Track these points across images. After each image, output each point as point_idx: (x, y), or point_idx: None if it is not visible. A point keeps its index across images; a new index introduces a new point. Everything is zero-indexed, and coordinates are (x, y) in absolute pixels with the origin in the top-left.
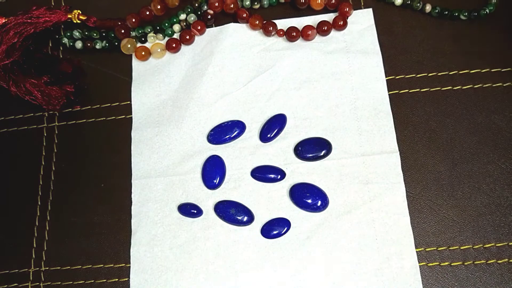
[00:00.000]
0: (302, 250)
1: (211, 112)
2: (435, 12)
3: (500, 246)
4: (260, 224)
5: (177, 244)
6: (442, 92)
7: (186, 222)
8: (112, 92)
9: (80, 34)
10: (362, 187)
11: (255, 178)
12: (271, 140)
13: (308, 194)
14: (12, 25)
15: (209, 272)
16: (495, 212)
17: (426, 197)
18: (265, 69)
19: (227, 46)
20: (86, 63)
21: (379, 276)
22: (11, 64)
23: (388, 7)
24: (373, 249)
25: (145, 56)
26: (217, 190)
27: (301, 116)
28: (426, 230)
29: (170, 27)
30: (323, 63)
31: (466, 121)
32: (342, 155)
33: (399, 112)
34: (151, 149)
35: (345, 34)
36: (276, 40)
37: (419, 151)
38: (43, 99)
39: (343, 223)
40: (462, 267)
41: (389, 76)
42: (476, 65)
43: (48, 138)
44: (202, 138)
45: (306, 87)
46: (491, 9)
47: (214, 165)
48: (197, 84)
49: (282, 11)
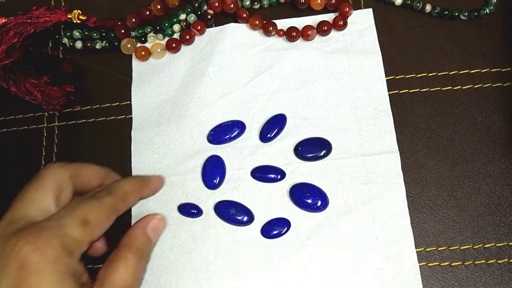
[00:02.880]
0: (302, 250)
1: (211, 112)
2: (435, 12)
3: (500, 246)
4: (260, 224)
5: (177, 244)
6: (442, 92)
7: (186, 222)
8: (112, 92)
9: (80, 34)
10: (362, 187)
11: (255, 178)
12: (271, 140)
13: (308, 194)
14: (12, 25)
15: (209, 272)
16: (495, 212)
17: (426, 197)
18: (265, 69)
19: (227, 46)
20: (86, 63)
21: (379, 276)
22: (11, 64)
23: (388, 7)
24: (373, 249)
25: (145, 56)
26: (217, 190)
27: (301, 116)
28: (426, 230)
29: (170, 27)
30: (323, 63)
31: (466, 121)
32: (342, 155)
33: (399, 112)
34: (151, 149)
35: (345, 34)
36: (276, 40)
37: (419, 151)
38: (43, 99)
39: (343, 223)
40: (462, 267)
41: (389, 76)
42: (476, 65)
43: (48, 138)
44: (202, 138)
45: (306, 87)
46: (491, 9)
47: (214, 165)
48: (197, 84)
49: (282, 11)
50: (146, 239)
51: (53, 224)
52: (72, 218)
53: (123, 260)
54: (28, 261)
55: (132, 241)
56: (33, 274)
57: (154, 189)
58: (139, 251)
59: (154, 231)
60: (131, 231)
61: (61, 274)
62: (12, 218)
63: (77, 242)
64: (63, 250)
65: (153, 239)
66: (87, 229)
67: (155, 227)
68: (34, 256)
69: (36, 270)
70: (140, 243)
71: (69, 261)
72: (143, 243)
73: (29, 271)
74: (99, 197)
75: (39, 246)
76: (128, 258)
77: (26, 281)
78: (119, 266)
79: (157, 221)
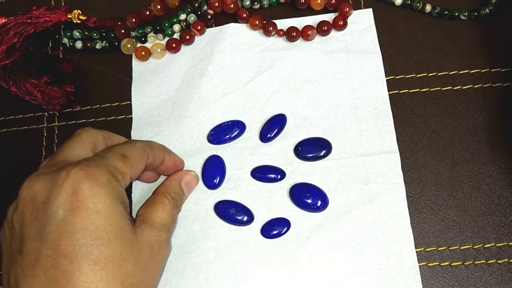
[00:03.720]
0: (302, 250)
1: (211, 112)
2: (435, 12)
3: (500, 246)
4: (260, 224)
5: (177, 244)
6: (442, 92)
7: (186, 222)
8: (112, 92)
9: (80, 34)
10: (362, 187)
11: (255, 178)
12: (271, 140)
13: (308, 194)
14: (12, 25)
15: (209, 272)
16: (495, 212)
17: (426, 197)
18: (265, 69)
19: (227, 46)
20: (86, 63)
21: (379, 276)
22: (11, 64)
23: (388, 7)
24: (373, 249)
25: (145, 56)
26: (217, 190)
27: (301, 116)
28: (426, 230)
29: (170, 27)
30: (323, 63)
31: (466, 121)
32: (342, 155)
33: (399, 112)
34: None
35: (345, 34)
36: (276, 40)
37: (419, 151)
38: (43, 99)
39: (343, 223)
40: (462, 267)
41: (389, 76)
42: (476, 65)
43: (48, 138)
44: (202, 138)
45: (306, 87)
46: (491, 9)
47: (214, 165)
48: (197, 84)
49: (282, 11)
50: (180, 190)
51: (98, 158)
52: (113, 154)
53: (161, 204)
54: (81, 186)
55: (168, 190)
56: (89, 197)
57: (175, 163)
58: (174, 199)
59: (187, 185)
60: (167, 181)
61: (114, 198)
62: (53, 162)
63: (121, 172)
64: (112, 177)
65: (186, 193)
66: (127, 162)
67: (188, 181)
68: (86, 181)
69: (91, 193)
70: (175, 193)
71: (118, 187)
72: (177, 194)
73: (84, 195)
74: (132, 142)
75: (89, 172)
76: (165, 203)
77: (83, 205)
78: (157, 208)
79: (191, 177)
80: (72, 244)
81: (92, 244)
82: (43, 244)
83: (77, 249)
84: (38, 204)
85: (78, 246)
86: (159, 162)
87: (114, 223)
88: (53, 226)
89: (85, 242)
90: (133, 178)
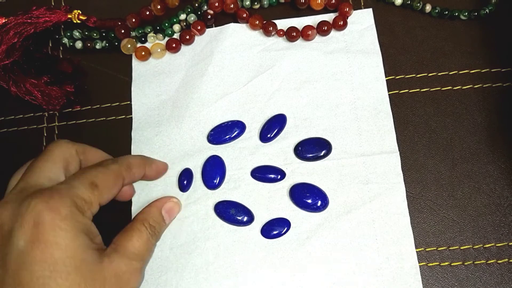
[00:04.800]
0: (302, 250)
1: (211, 112)
2: (435, 12)
3: (500, 246)
4: (260, 224)
5: (177, 244)
6: (442, 92)
7: (186, 222)
8: (112, 92)
9: (80, 34)
10: (362, 187)
11: (255, 178)
12: (271, 140)
13: (308, 194)
14: (12, 25)
15: (209, 272)
16: (495, 212)
17: (426, 197)
18: (265, 69)
19: (227, 46)
20: (86, 63)
21: (379, 276)
22: (11, 64)
23: (388, 7)
24: (373, 249)
25: (145, 56)
26: (217, 190)
27: (301, 116)
28: (426, 230)
29: (170, 27)
30: (323, 63)
31: (466, 121)
32: (342, 155)
33: (399, 112)
34: (151, 149)
35: (345, 34)
36: (276, 40)
37: (419, 151)
38: (43, 99)
39: (343, 223)
40: (462, 267)
41: (389, 76)
42: (476, 65)
43: (48, 138)
44: (202, 138)
45: (306, 87)
46: (491, 9)
47: (214, 165)
48: (197, 84)
49: (282, 11)
50: (160, 218)
51: (64, 186)
52: (81, 181)
53: (137, 231)
54: (43, 219)
55: (146, 217)
56: (49, 230)
57: (158, 170)
58: (152, 227)
59: (168, 212)
60: (147, 208)
61: (76, 230)
62: (23, 186)
63: (88, 202)
64: (75, 209)
65: (167, 220)
66: (96, 191)
67: (170, 208)
68: (48, 213)
69: (51, 226)
70: (154, 221)
71: (82, 219)
72: (157, 221)
73: (44, 228)
74: (105, 165)
75: (52, 204)
76: (142, 231)
77: (42, 238)
78: (132, 236)
79: (172, 204)
80: (30, 275)
81: (49, 276)
82: (5, 272)
83: (34, 280)
84: (5, 232)
85: (36, 278)
86: (138, 179)
87: (74, 256)
88: (14, 256)
89: (43, 274)
90: (104, 203)
